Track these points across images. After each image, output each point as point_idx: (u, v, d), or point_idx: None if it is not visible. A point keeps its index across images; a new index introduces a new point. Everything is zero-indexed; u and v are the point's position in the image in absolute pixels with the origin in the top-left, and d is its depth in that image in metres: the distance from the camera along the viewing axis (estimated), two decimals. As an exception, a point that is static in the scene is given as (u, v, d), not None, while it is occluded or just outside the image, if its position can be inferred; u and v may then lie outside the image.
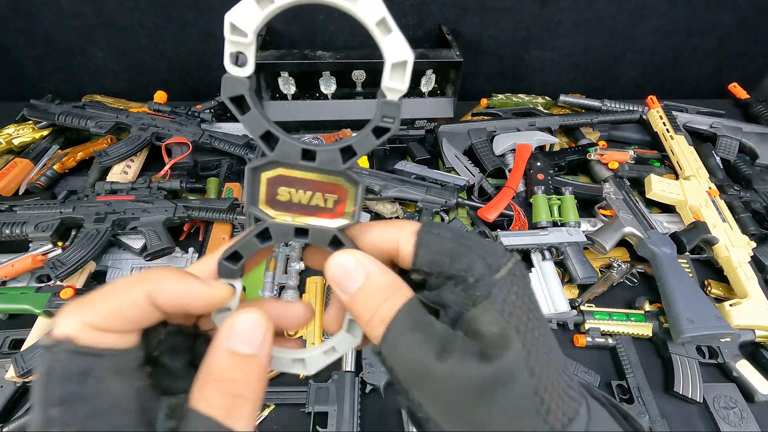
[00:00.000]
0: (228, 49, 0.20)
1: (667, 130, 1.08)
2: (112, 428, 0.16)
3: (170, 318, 0.21)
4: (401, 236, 0.22)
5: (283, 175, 0.22)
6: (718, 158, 1.08)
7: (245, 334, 0.19)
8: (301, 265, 0.83)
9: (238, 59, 0.20)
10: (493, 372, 0.17)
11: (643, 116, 1.16)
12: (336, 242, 0.23)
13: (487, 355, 0.18)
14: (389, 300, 0.20)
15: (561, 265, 0.87)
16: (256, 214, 0.22)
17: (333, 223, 0.22)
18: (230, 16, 0.19)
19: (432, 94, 1.17)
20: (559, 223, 0.92)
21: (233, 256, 0.23)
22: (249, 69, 0.20)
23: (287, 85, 1.09)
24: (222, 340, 0.19)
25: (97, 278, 0.84)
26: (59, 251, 0.80)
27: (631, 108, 1.19)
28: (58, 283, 0.76)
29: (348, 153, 0.21)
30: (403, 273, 0.22)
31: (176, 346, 0.21)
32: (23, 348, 0.68)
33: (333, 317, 0.24)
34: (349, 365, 0.71)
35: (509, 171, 1.02)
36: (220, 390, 0.18)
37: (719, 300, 0.84)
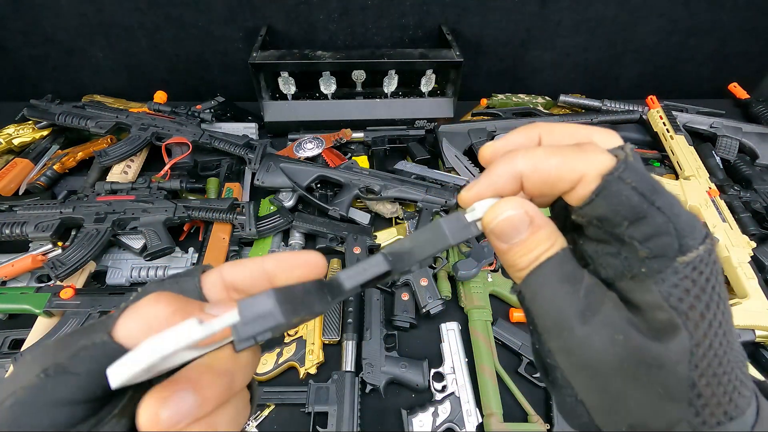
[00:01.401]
0: None
1: (667, 130, 1.08)
2: None
3: None
4: (586, 173, 0.18)
5: None
6: (718, 158, 1.08)
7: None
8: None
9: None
10: (642, 353, 0.16)
11: (643, 116, 1.16)
12: None
13: (643, 333, 0.16)
14: (545, 251, 0.19)
15: (561, 265, 0.87)
16: None
17: None
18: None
19: (432, 94, 1.17)
20: (559, 223, 0.92)
21: None
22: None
23: (287, 85, 1.09)
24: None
25: (97, 278, 0.84)
26: (59, 251, 0.80)
27: (631, 108, 1.19)
28: (58, 283, 0.76)
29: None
30: (557, 205, 0.20)
31: None
32: (23, 348, 0.68)
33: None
34: (349, 365, 0.71)
35: (509, 171, 1.02)
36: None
37: (719, 300, 0.84)
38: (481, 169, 1.02)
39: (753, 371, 0.75)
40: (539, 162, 0.19)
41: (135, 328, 0.18)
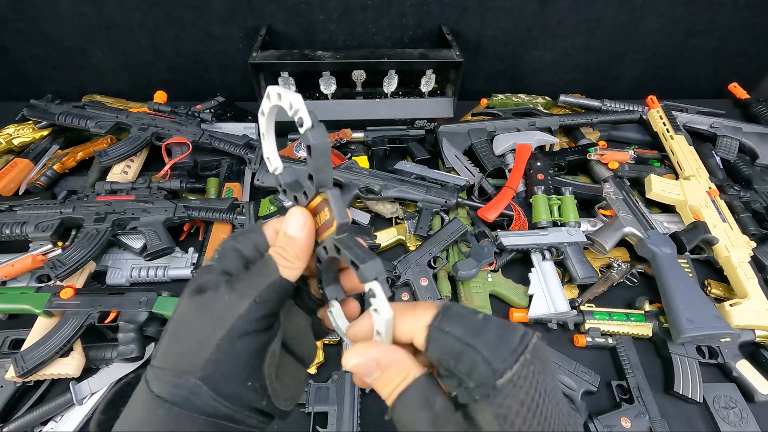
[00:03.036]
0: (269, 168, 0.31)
1: (667, 130, 1.08)
2: None
3: None
4: (416, 328, 0.25)
5: (310, 209, 0.29)
6: (718, 158, 1.08)
7: (293, 223, 0.28)
8: None
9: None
10: None
11: (643, 116, 1.16)
12: (337, 248, 0.27)
13: None
14: (399, 385, 0.24)
15: (561, 265, 0.88)
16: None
17: (335, 232, 0.27)
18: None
19: (432, 94, 1.17)
20: (559, 223, 0.92)
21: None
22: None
23: (287, 85, 1.10)
24: (284, 224, 0.29)
25: (97, 278, 0.84)
26: (59, 251, 0.80)
27: (631, 108, 1.19)
28: (58, 283, 0.76)
29: (310, 177, 0.28)
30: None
31: None
32: (23, 348, 0.68)
33: (362, 333, 0.28)
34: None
35: (509, 171, 1.02)
36: (275, 248, 0.28)
37: (719, 300, 0.84)
38: (482, 169, 1.03)
39: (752, 371, 0.75)
40: (397, 323, 0.25)
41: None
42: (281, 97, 0.26)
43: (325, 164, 0.26)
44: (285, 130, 1.13)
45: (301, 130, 0.25)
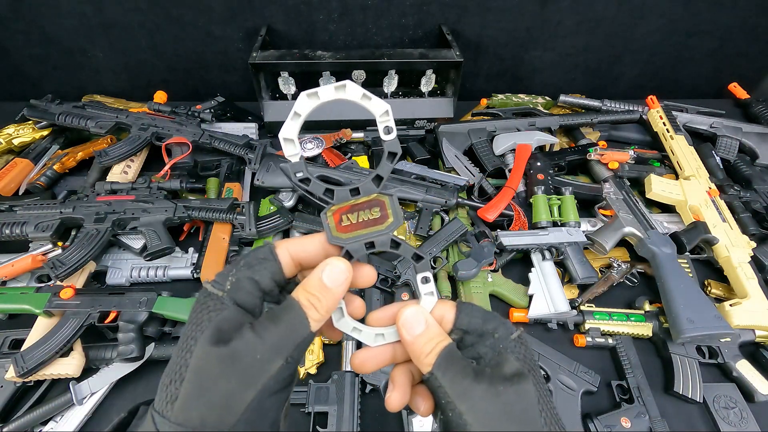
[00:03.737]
0: (287, 152, 0.31)
1: (667, 130, 1.08)
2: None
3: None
4: (445, 309, 0.31)
5: (342, 208, 0.31)
6: (718, 158, 1.08)
7: (333, 274, 0.28)
8: None
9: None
10: (514, 392, 0.26)
11: (643, 116, 1.16)
12: (395, 243, 0.31)
13: (510, 382, 0.26)
14: (439, 343, 0.29)
15: (561, 265, 0.88)
16: (335, 242, 0.30)
17: (386, 230, 0.31)
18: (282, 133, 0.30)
19: (432, 94, 1.17)
20: (559, 223, 0.92)
21: None
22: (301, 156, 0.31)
23: (287, 85, 1.09)
24: (320, 269, 0.29)
25: (97, 278, 0.84)
26: (59, 251, 0.80)
27: (631, 108, 1.19)
28: (58, 283, 0.76)
29: (378, 179, 0.31)
30: None
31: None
32: (23, 348, 0.68)
33: (382, 317, 0.33)
34: (349, 365, 0.71)
35: (509, 171, 1.02)
36: (306, 295, 0.28)
37: (719, 300, 0.84)
38: (482, 169, 1.03)
39: (752, 371, 0.75)
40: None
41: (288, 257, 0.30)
42: (370, 100, 0.29)
43: (391, 170, 0.31)
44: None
45: (388, 138, 0.30)
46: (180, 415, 0.23)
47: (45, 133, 1.03)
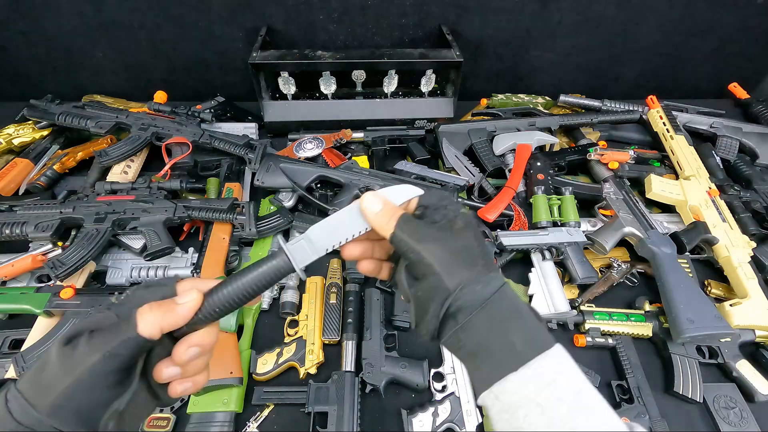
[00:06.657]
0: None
1: (667, 130, 1.08)
2: None
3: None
4: (414, 197, 0.39)
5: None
6: (718, 158, 1.08)
7: (186, 302, 0.33)
8: None
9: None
10: (459, 236, 0.35)
11: (643, 116, 1.16)
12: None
13: (456, 232, 0.35)
14: (395, 213, 0.36)
15: (561, 265, 0.87)
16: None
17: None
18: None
19: (432, 94, 1.17)
20: (559, 223, 0.92)
21: None
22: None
23: (287, 85, 1.09)
24: (180, 296, 0.34)
25: (97, 278, 0.84)
26: (59, 251, 0.80)
27: (631, 108, 1.19)
28: (58, 283, 0.76)
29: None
30: None
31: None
32: (23, 348, 0.68)
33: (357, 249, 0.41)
34: (349, 365, 0.71)
35: (509, 171, 1.02)
36: (146, 308, 0.32)
37: (719, 300, 0.84)
38: (482, 169, 1.03)
39: (752, 371, 0.75)
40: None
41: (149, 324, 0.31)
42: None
43: None
44: (285, 129, 1.13)
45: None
46: (21, 385, 0.30)
47: (45, 133, 1.03)
